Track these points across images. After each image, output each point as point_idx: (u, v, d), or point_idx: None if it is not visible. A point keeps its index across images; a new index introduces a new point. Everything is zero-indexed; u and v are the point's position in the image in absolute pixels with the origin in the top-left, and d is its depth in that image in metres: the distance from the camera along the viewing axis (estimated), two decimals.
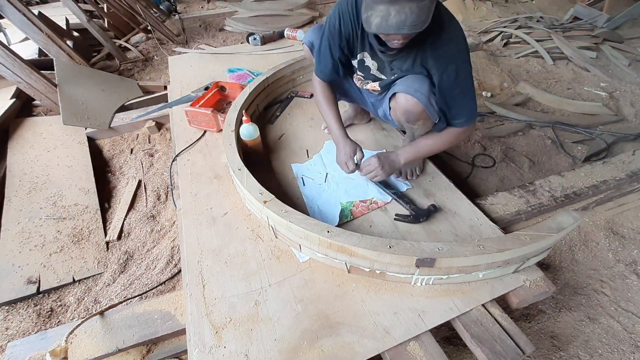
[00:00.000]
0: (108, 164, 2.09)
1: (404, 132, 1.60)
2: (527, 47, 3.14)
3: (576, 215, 1.06)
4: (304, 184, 1.44)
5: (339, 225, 1.26)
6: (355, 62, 1.30)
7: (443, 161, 1.94)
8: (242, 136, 1.47)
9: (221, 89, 2.00)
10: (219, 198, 1.40)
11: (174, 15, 4.26)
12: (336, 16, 1.18)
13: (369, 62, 1.25)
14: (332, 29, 1.21)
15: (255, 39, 2.68)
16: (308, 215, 1.12)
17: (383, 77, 1.27)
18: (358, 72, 1.34)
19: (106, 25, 3.51)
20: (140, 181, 1.93)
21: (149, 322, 1.11)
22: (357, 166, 1.33)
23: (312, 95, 2.00)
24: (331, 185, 1.43)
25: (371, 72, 1.29)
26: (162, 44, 3.53)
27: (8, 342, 1.15)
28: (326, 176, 1.47)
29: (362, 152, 1.34)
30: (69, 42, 2.86)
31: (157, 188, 1.88)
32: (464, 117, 1.18)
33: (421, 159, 1.43)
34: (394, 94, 1.21)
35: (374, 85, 1.32)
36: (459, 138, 1.26)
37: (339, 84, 1.48)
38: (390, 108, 1.28)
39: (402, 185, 1.41)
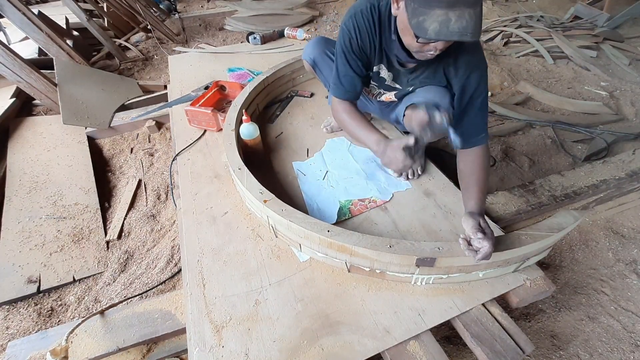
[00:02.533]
0: (108, 163, 2.09)
1: (406, 133, 1.59)
2: (527, 47, 3.14)
3: (576, 214, 1.06)
4: (304, 182, 1.44)
5: (337, 223, 1.26)
6: (370, 74, 1.25)
7: (443, 161, 1.94)
8: (242, 135, 1.47)
9: (221, 88, 2.00)
10: (219, 197, 1.40)
11: (174, 14, 4.25)
12: (352, 33, 1.11)
13: (385, 73, 1.22)
14: (348, 47, 1.14)
15: (255, 38, 2.67)
16: (307, 212, 1.12)
17: (398, 86, 1.24)
18: (372, 83, 1.29)
19: (106, 25, 3.51)
20: (140, 180, 1.93)
21: (149, 321, 1.12)
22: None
23: (312, 95, 2.00)
24: (330, 183, 1.43)
25: (386, 83, 1.25)
26: (162, 43, 3.53)
27: (9, 341, 1.16)
28: (325, 174, 1.47)
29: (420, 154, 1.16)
30: (69, 42, 2.86)
31: (157, 187, 1.88)
32: (484, 130, 1.10)
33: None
34: (412, 104, 1.19)
35: (390, 96, 1.29)
36: (489, 155, 1.15)
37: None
38: (404, 115, 1.26)
39: (402, 185, 1.41)
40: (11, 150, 1.99)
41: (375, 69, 1.21)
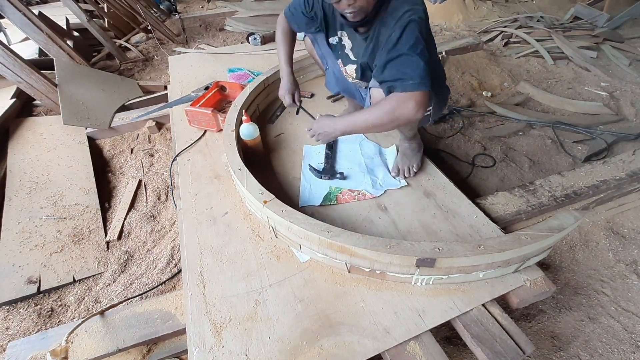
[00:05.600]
0: (108, 163, 2.09)
1: None
2: (527, 47, 3.14)
3: (576, 215, 1.06)
4: (305, 165, 1.49)
5: (321, 206, 1.32)
6: (333, 41, 1.32)
7: (443, 160, 1.94)
8: (242, 136, 1.47)
9: (221, 88, 2.00)
10: (219, 198, 1.40)
11: (174, 15, 4.26)
12: None
13: (345, 40, 1.28)
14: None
15: (255, 38, 2.68)
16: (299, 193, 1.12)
17: (354, 58, 1.29)
18: (336, 51, 1.36)
19: (106, 25, 3.51)
20: (140, 181, 1.93)
21: (149, 321, 1.12)
22: (294, 103, 1.49)
23: (312, 95, 2.00)
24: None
25: (345, 51, 1.30)
26: (163, 43, 3.53)
27: (9, 341, 1.15)
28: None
29: (299, 92, 1.51)
30: (69, 42, 2.86)
31: (158, 188, 1.88)
32: (410, 77, 0.97)
33: (361, 131, 1.18)
34: (370, 89, 1.20)
35: (351, 71, 1.33)
36: (405, 108, 1.00)
37: (339, 77, 1.50)
38: (370, 97, 1.28)
39: (397, 184, 1.41)
40: (11, 150, 1.99)
41: (338, 34, 1.29)
